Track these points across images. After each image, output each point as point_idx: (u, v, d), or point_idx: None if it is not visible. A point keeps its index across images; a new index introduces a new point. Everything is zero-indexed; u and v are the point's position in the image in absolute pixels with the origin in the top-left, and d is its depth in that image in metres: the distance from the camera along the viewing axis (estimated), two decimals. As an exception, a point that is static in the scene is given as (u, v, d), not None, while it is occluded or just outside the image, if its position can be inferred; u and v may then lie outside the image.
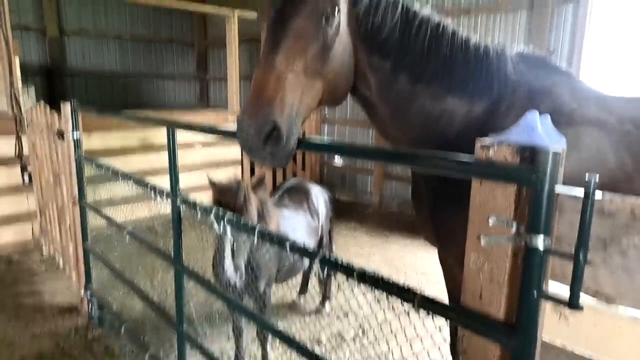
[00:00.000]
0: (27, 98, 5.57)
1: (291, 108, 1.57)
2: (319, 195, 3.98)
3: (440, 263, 2.23)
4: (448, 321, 1.27)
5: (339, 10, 1.69)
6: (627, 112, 1.83)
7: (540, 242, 0.98)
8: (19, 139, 5.28)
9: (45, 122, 4.55)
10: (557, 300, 0.98)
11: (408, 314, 1.35)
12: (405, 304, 1.32)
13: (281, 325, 3.92)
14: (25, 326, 3.87)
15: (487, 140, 1.09)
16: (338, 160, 8.29)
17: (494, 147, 1.07)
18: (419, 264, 5.47)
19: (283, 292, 4.42)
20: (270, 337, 3.14)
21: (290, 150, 1.59)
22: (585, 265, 0.92)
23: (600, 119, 1.79)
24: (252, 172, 7.56)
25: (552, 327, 1.11)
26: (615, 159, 1.73)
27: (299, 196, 3.82)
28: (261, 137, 1.52)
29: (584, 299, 0.98)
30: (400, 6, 1.83)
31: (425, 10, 1.89)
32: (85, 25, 10.64)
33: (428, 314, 1.26)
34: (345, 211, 7.44)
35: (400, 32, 1.82)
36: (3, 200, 5.32)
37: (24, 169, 5.36)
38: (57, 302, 4.33)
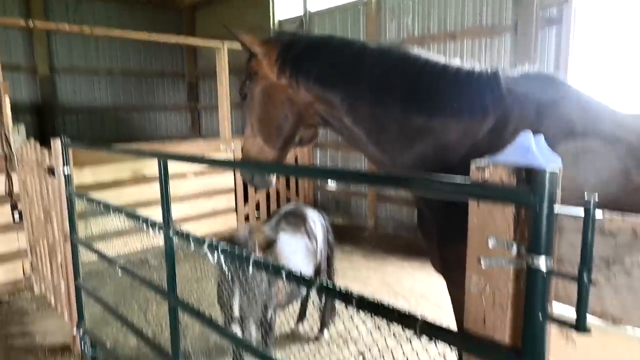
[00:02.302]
0: (18, 136, 5.53)
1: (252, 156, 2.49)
2: (315, 219, 3.96)
3: (450, 295, 2.18)
4: (452, 347, 1.23)
5: (254, 76, 2.35)
6: None
7: (542, 263, 0.96)
8: (9, 176, 5.22)
9: (35, 159, 4.51)
10: (563, 323, 0.95)
11: (410, 340, 1.30)
12: (407, 330, 1.29)
13: (280, 355, 3.82)
14: (16, 369, 3.74)
15: (482, 162, 1.08)
16: (331, 184, 8.29)
17: (489, 169, 1.06)
18: (417, 287, 5.40)
19: (280, 320, 4.33)
20: None
21: (257, 179, 2.55)
22: (590, 285, 0.90)
23: (619, 136, 1.73)
24: (246, 199, 7.53)
25: (559, 351, 1.08)
26: None
27: (295, 220, 3.79)
28: None
29: (591, 320, 0.95)
30: (337, 43, 2.19)
31: (378, 45, 2.18)
32: (77, 63, 10.72)
33: (431, 340, 1.23)
34: (340, 235, 7.36)
35: (345, 62, 2.10)
36: (-7, 239, 5.23)
37: (14, 207, 5.28)
38: (49, 342, 4.20)
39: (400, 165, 2.02)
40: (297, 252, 3.53)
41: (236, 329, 2.52)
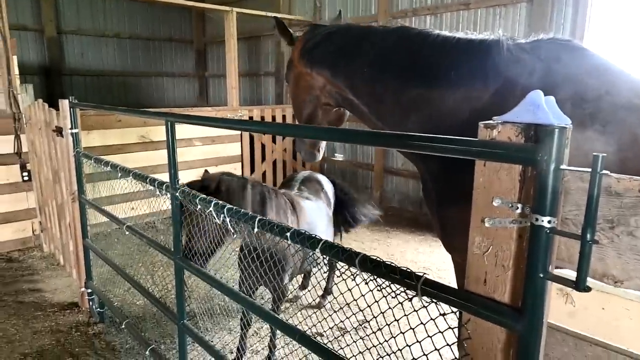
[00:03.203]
0: (26, 96, 5.54)
1: None
2: (328, 185, 3.97)
3: (453, 261, 2.21)
4: (451, 307, 1.24)
5: (291, 64, 2.69)
6: None
7: (546, 221, 0.96)
8: (17, 137, 5.26)
9: (43, 119, 4.53)
10: (563, 281, 0.96)
11: (411, 300, 1.32)
12: (408, 291, 1.30)
13: (283, 318, 3.90)
14: (26, 323, 3.85)
15: (490, 121, 1.07)
16: (339, 155, 8.28)
17: (497, 128, 1.05)
18: (420, 259, 5.45)
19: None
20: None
21: (305, 150, 2.93)
22: (593, 244, 0.90)
23: (635, 104, 1.69)
24: (252, 168, 7.54)
25: (559, 310, 1.09)
26: None
27: (314, 187, 3.79)
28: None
29: (592, 282, 0.95)
30: (346, 29, 2.45)
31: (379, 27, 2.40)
32: (84, 25, 10.60)
33: (431, 300, 1.24)
34: (345, 207, 7.39)
35: (348, 45, 2.32)
36: (3, 198, 5.30)
37: (23, 166, 5.34)
38: (58, 299, 4.31)
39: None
40: (321, 218, 3.52)
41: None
